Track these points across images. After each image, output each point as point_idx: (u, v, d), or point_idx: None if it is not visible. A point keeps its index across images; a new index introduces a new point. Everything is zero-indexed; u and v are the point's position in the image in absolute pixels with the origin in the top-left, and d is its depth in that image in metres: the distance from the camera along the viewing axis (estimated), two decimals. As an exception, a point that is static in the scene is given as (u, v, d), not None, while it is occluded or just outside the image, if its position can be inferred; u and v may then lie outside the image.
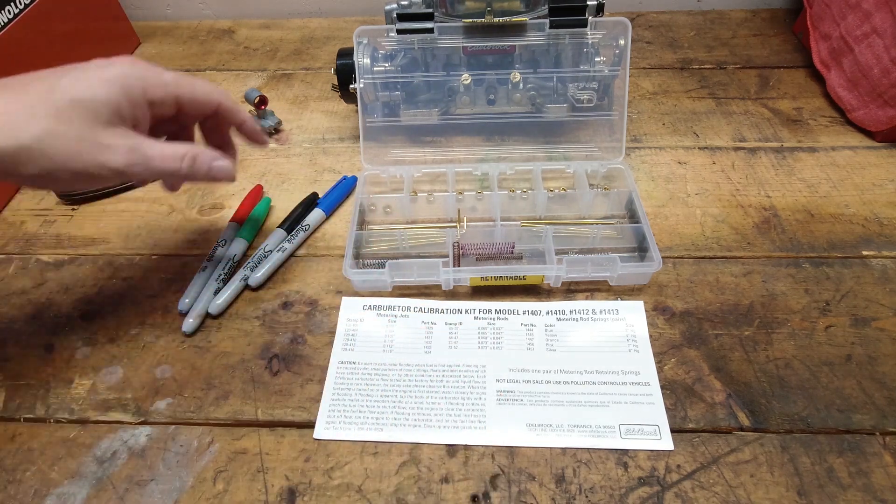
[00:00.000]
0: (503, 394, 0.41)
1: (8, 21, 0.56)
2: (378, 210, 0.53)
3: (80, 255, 0.52)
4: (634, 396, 0.41)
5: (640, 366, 0.42)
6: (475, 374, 0.42)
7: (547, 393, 0.41)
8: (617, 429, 0.39)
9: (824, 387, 0.41)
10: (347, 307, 0.46)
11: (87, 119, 0.33)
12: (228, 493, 0.37)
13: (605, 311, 0.45)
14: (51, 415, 0.41)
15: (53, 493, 0.37)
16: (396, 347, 0.44)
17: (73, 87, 0.33)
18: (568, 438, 0.39)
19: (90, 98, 0.33)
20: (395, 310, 0.45)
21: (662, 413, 0.40)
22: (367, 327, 0.45)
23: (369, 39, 0.54)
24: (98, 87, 0.34)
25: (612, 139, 0.55)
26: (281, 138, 0.63)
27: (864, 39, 0.57)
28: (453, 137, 0.60)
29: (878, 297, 0.46)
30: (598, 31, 0.52)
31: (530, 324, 0.45)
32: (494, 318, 0.45)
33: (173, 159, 0.36)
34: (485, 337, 0.44)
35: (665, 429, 0.39)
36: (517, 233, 0.50)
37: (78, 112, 0.33)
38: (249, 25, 0.81)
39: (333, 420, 0.40)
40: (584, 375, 0.42)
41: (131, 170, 0.34)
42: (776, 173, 0.56)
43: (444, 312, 0.45)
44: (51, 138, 0.32)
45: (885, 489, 0.36)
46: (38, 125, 0.32)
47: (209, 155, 0.38)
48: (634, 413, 0.40)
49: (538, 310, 0.45)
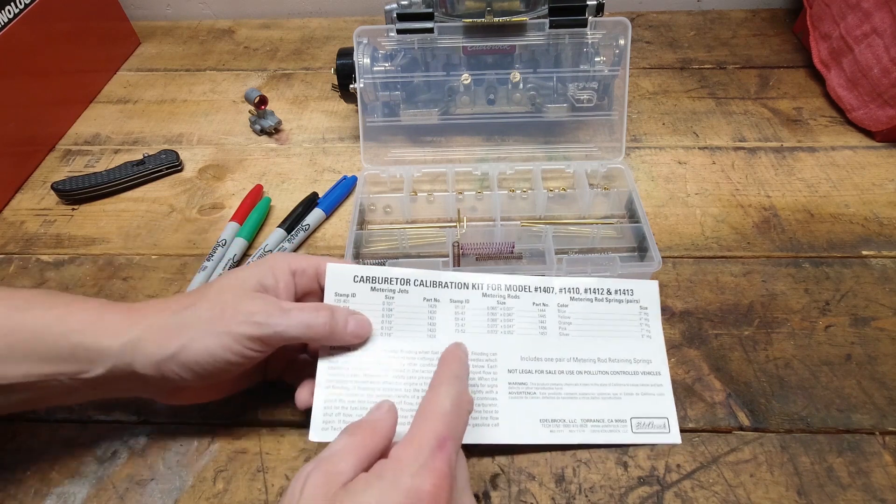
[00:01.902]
0: (516, 386, 0.39)
1: (8, 21, 0.56)
2: (378, 210, 0.53)
3: (80, 255, 0.52)
4: (646, 387, 0.40)
5: (652, 354, 0.41)
6: (486, 363, 0.39)
7: (560, 384, 0.39)
8: (629, 423, 0.39)
9: (824, 386, 0.41)
10: (335, 278, 0.38)
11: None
12: (228, 493, 0.37)
13: (620, 290, 0.42)
14: (51, 414, 0.41)
15: (54, 493, 0.37)
16: (396, 330, 0.38)
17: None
18: (581, 434, 0.38)
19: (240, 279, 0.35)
20: (393, 283, 0.39)
21: (671, 405, 0.39)
22: (359, 304, 0.38)
23: (369, 39, 0.54)
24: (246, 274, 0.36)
25: (612, 139, 0.55)
26: (281, 138, 0.63)
27: (864, 39, 0.57)
28: (453, 137, 0.60)
29: (878, 297, 0.46)
30: (598, 31, 0.52)
31: (542, 303, 0.41)
32: (504, 297, 0.41)
33: (312, 309, 0.34)
34: (495, 318, 0.40)
35: (674, 422, 0.39)
36: (517, 233, 0.50)
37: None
38: (249, 25, 0.81)
39: (330, 419, 0.35)
40: (597, 364, 0.40)
41: (270, 320, 0.33)
42: (776, 173, 0.56)
43: (448, 287, 0.40)
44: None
45: (885, 489, 0.36)
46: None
47: (344, 309, 0.36)
48: (645, 405, 0.39)
49: (550, 286, 0.42)
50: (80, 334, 0.32)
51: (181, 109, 0.67)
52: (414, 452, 0.27)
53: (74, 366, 0.32)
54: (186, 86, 0.71)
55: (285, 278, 0.36)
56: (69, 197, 0.56)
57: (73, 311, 0.33)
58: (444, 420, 0.29)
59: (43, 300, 0.33)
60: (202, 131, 0.64)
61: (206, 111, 0.67)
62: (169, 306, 0.34)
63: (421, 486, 0.26)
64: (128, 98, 0.69)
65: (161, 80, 0.72)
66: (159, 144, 0.63)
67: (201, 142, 0.63)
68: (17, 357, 0.32)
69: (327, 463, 0.28)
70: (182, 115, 0.66)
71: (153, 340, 0.32)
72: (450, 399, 0.30)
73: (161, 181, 0.59)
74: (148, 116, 0.66)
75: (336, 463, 0.27)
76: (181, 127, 0.65)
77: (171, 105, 0.68)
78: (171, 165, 0.59)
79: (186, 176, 0.59)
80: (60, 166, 0.61)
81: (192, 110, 0.67)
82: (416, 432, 0.29)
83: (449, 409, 0.29)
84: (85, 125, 0.66)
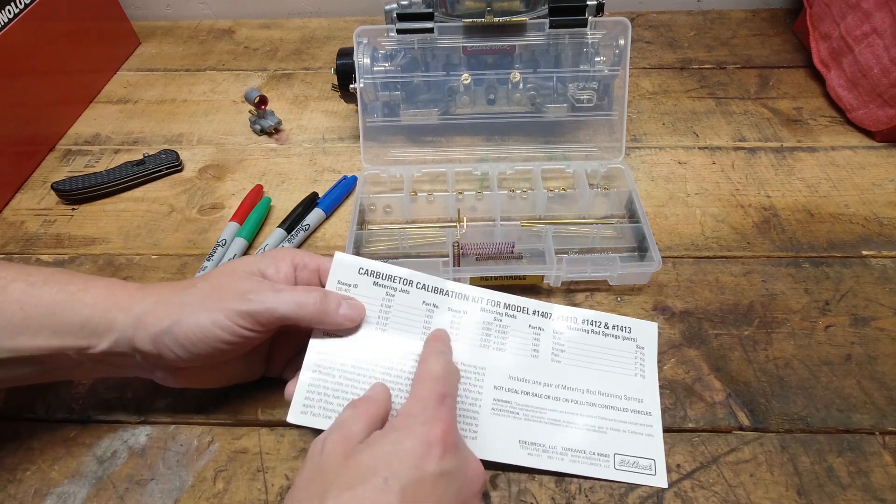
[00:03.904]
0: (499, 403, 0.38)
1: (8, 21, 0.56)
2: (378, 210, 0.53)
3: (80, 255, 0.52)
4: (634, 426, 0.39)
5: (645, 393, 0.40)
6: (473, 375, 0.39)
7: (544, 409, 0.39)
8: (612, 458, 0.37)
9: (824, 386, 0.41)
10: (340, 267, 0.38)
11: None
12: (228, 493, 0.37)
13: (618, 327, 0.42)
14: (51, 414, 0.41)
15: (54, 493, 0.37)
16: (391, 326, 0.38)
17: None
18: (560, 462, 0.37)
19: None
20: (396, 281, 0.39)
21: (660, 447, 0.38)
22: (359, 296, 0.38)
23: (369, 39, 0.54)
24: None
25: (612, 139, 0.55)
26: (281, 138, 0.63)
27: (864, 39, 0.57)
28: (453, 137, 0.60)
29: (878, 297, 0.46)
30: (598, 31, 0.52)
31: (538, 327, 0.41)
32: (502, 314, 0.41)
33: (304, 290, 0.35)
34: (489, 333, 0.40)
35: (661, 464, 0.37)
36: (517, 233, 0.50)
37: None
38: (249, 25, 0.81)
39: (311, 404, 0.35)
40: (586, 395, 0.40)
41: (261, 297, 0.34)
42: (776, 173, 0.56)
43: (448, 295, 0.40)
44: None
45: (885, 489, 0.36)
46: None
47: (337, 294, 0.37)
48: (632, 444, 0.38)
49: (548, 312, 0.42)
50: (91, 308, 0.33)
51: (181, 109, 0.67)
52: (421, 407, 0.31)
53: (83, 340, 0.33)
54: (186, 86, 0.71)
55: (286, 270, 0.37)
56: (69, 197, 0.56)
57: (88, 288, 0.34)
58: (441, 380, 0.33)
59: (59, 277, 0.35)
60: (202, 131, 0.64)
61: (206, 111, 0.67)
62: (175, 286, 0.36)
63: (431, 432, 0.29)
64: (128, 98, 0.69)
65: (161, 80, 0.72)
66: (159, 144, 0.63)
67: (201, 142, 0.63)
68: (32, 330, 0.33)
69: (341, 427, 0.31)
70: (182, 115, 0.66)
71: (154, 314, 0.34)
72: (440, 366, 0.34)
73: (161, 181, 0.59)
74: (148, 116, 0.66)
75: (349, 427, 0.30)
76: (181, 127, 0.65)
77: (171, 105, 0.68)
78: (171, 165, 0.59)
79: (186, 176, 0.59)
80: (60, 166, 0.61)
81: (192, 110, 0.67)
82: (419, 392, 0.32)
83: (441, 373, 0.33)
84: (85, 125, 0.66)
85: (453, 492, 0.29)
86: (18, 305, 0.33)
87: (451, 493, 0.29)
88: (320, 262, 0.38)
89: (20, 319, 0.33)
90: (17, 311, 0.33)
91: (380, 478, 0.27)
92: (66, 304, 0.33)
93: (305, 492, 0.28)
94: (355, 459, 0.28)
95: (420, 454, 0.28)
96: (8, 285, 0.33)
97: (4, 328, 0.32)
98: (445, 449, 0.29)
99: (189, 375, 0.37)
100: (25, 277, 0.34)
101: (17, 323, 0.33)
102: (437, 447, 0.29)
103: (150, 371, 0.36)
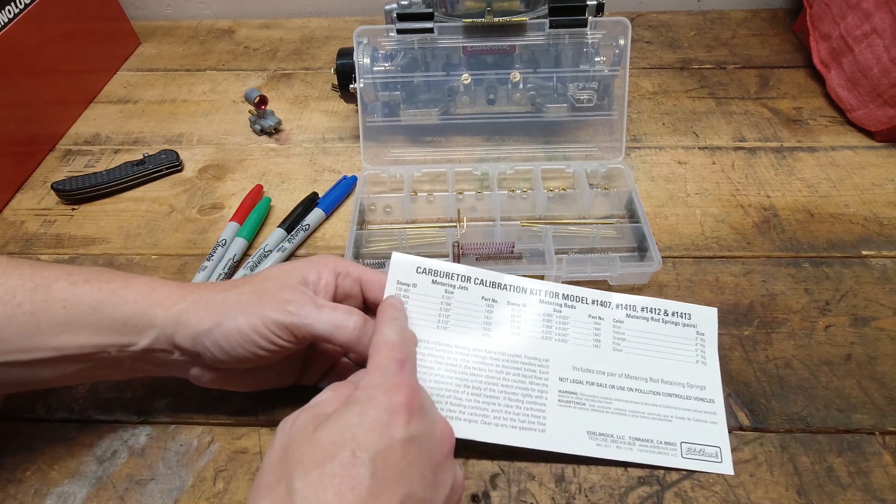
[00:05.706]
0: (565, 395, 0.38)
1: (8, 21, 0.57)
2: (378, 210, 0.53)
3: (80, 255, 0.52)
4: (698, 413, 0.39)
5: (707, 380, 0.40)
6: (538, 368, 0.38)
7: (610, 399, 0.38)
8: (678, 447, 0.37)
9: (824, 386, 0.41)
10: (398, 267, 0.39)
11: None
12: (228, 493, 0.37)
13: (678, 313, 0.42)
14: (51, 414, 0.41)
15: (54, 493, 0.37)
16: (452, 324, 0.38)
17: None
18: (629, 452, 0.37)
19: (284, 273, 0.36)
20: (454, 278, 0.39)
21: (725, 435, 0.38)
22: (419, 295, 0.38)
23: (369, 39, 0.54)
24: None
25: (612, 139, 0.55)
26: (281, 138, 0.63)
27: (864, 39, 0.57)
28: (453, 137, 0.60)
29: (878, 297, 0.46)
30: (598, 31, 0.52)
31: (598, 316, 0.41)
32: (561, 305, 0.41)
33: (345, 311, 0.34)
34: (550, 325, 0.40)
35: (727, 452, 0.37)
36: (517, 232, 0.50)
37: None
38: (249, 25, 0.81)
39: None
40: (649, 384, 0.39)
41: (301, 311, 0.34)
42: (776, 173, 0.56)
43: (507, 289, 0.40)
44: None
45: (885, 489, 0.36)
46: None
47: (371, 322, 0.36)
48: (697, 431, 0.38)
49: (608, 301, 0.42)
50: (133, 305, 0.34)
51: (181, 109, 0.67)
52: (381, 376, 0.31)
53: (125, 337, 0.34)
54: (186, 86, 0.71)
55: (328, 276, 0.36)
56: (69, 197, 0.56)
57: (129, 285, 0.34)
58: (397, 347, 0.32)
59: (100, 276, 0.35)
60: (202, 131, 0.64)
61: (206, 111, 0.67)
62: (217, 286, 0.36)
63: (394, 399, 0.29)
64: (128, 98, 0.69)
65: (161, 80, 0.72)
66: (159, 144, 0.63)
67: (201, 142, 0.63)
68: (75, 328, 0.33)
69: (314, 408, 0.30)
70: (182, 115, 0.66)
71: (195, 313, 0.34)
72: (394, 332, 0.33)
73: (161, 181, 0.59)
74: (148, 116, 0.66)
75: (323, 407, 0.30)
76: (181, 127, 0.65)
77: (171, 105, 0.68)
78: (171, 165, 0.59)
79: (186, 176, 0.59)
80: (60, 166, 0.61)
81: (192, 110, 0.67)
82: (375, 361, 0.32)
83: (397, 340, 0.33)
84: (85, 125, 0.66)
85: (424, 456, 0.29)
86: (62, 304, 0.33)
87: (421, 457, 0.29)
88: (363, 272, 0.38)
89: (64, 318, 0.33)
90: (61, 310, 0.33)
91: (347, 451, 0.27)
92: (109, 301, 0.33)
93: (273, 475, 0.28)
94: (319, 435, 0.28)
95: (385, 422, 0.28)
96: (51, 284, 0.33)
97: (50, 326, 0.32)
98: (410, 414, 0.29)
99: (223, 376, 0.36)
100: (67, 276, 0.34)
101: (61, 321, 0.33)
102: (402, 413, 0.29)
103: (186, 369, 0.36)
